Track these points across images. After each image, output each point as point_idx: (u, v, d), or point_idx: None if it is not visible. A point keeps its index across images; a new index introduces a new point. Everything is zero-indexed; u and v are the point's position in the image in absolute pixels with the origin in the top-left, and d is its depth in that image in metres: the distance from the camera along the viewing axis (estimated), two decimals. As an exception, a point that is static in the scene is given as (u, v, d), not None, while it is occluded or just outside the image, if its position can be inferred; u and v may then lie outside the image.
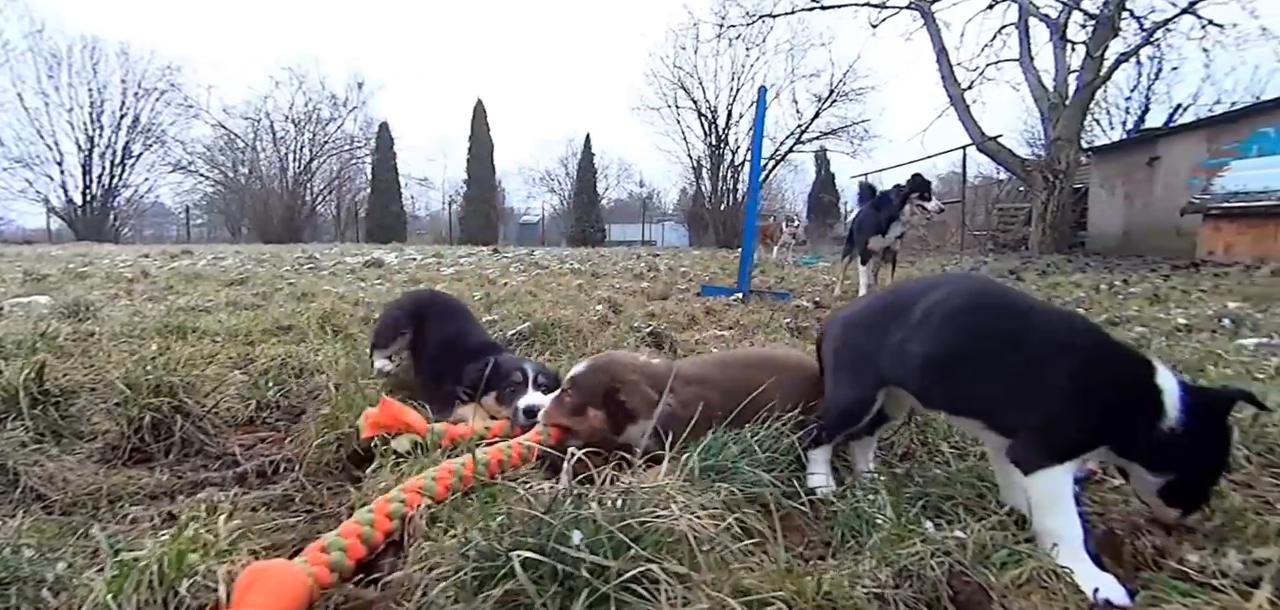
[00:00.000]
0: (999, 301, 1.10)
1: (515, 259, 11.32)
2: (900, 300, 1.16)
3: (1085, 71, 13.19)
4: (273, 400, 1.90)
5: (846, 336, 1.22)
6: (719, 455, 1.18)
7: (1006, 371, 1.03)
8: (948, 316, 1.07)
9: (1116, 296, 5.12)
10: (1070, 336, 1.04)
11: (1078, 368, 1.00)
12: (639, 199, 35.32)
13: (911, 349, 1.09)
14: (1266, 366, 2.14)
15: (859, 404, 1.17)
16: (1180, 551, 0.95)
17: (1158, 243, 11.79)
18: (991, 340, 1.05)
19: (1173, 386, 0.99)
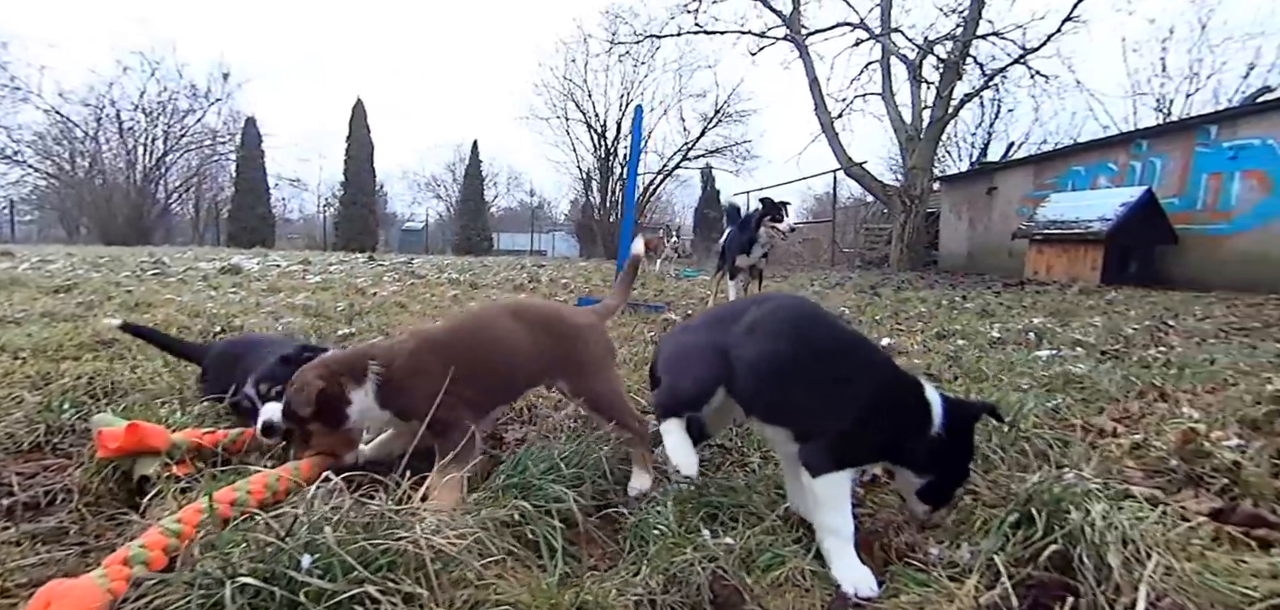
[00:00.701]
0: (816, 322, 1.20)
1: (391, 267, 10.79)
2: (732, 312, 1.25)
3: (936, 108, 14.57)
4: (67, 424, 1.73)
5: (685, 337, 1.28)
6: (524, 473, 1.18)
7: (817, 386, 1.12)
8: (772, 330, 1.16)
9: (952, 311, 5.65)
10: (870, 360, 1.17)
11: (875, 388, 1.12)
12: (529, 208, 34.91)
13: (741, 355, 1.16)
14: (1047, 375, 2.42)
15: (704, 382, 1.20)
16: (925, 545, 1.05)
17: (995, 263, 13.22)
18: (808, 356, 1.13)
19: (937, 401, 1.13)
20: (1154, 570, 0.87)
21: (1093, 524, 0.92)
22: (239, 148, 27.83)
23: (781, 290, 7.67)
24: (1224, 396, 2.05)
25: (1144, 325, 4.56)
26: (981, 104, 19.96)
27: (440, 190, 34.88)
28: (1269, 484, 1.32)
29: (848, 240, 19.49)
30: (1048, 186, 12.76)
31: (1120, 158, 11.66)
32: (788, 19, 15.98)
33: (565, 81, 24.88)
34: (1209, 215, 10.05)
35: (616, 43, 20.53)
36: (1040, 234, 10.91)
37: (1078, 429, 1.73)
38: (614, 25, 20.67)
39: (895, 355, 3.23)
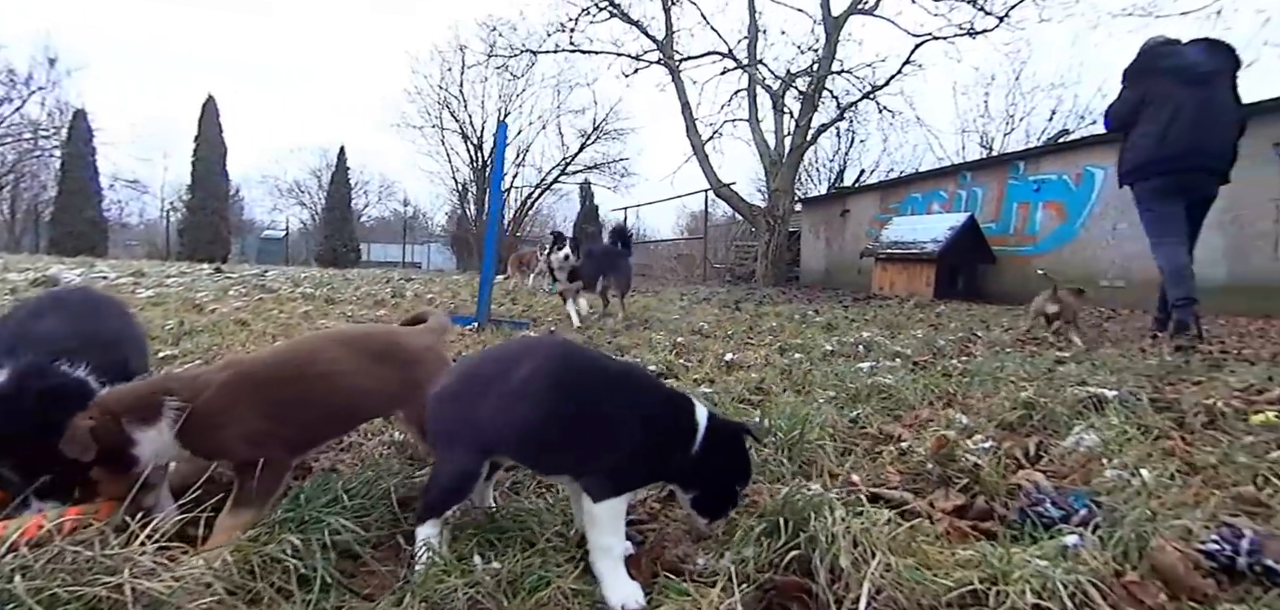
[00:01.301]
0: (584, 370, 1.22)
1: (240, 280, 9.89)
2: (493, 372, 1.21)
3: (796, 136, 15.67)
4: None
5: (445, 410, 1.21)
6: (303, 506, 1.12)
7: (592, 432, 1.15)
8: (542, 388, 1.15)
9: (801, 325, 6.05)
10: (639, 394, 1.22)
11: (645, 421, 1.17)
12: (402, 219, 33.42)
13: (509, 419, 1.15)
14: (858, 386, 2.65)
15: (466, 476, 1.18)
16: (695, 557, 1.12)
17: (848, 279, 14.37)
18: (580, 406, 1.16)
19: (704, 421, 1.20)
20: (876, 568, 0.98)
21: (830, 530, 1.03)
22: (65, 143, 24.53)
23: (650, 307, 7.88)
24: (992, 402, 2.35)
25: (957, 336, 5.13)
26: (838, 134, 21.82)
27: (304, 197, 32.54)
28: (1002, 481, 1.52)
29: (719, 256, 20.35)
30: (891, 210, 14.07)
31: (950, 186, 13.10)
32: (661, 44, 16.51)
33: (440, 90, 24.16)
34: (1018, 238, 11.51)
35: (494, 55, 20.23)
36: (884, 253, 11.98)
37: (868, 437, 1.91)
38: (492, 37, 20.36)
39: (737, 370, 3.41)
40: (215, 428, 1.24)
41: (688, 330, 5.34)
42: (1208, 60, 4.73)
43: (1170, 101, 4.69)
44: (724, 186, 16.25)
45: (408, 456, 1.74)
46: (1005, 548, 1.08)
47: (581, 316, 5.84)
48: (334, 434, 1.59)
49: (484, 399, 1.17)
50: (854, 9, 15.42)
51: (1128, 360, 3.90)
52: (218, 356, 3.35)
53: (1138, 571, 1.07)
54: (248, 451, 1.22)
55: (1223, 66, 4.76)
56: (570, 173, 25.49)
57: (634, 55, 17.13)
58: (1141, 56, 5.03)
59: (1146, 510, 1.25)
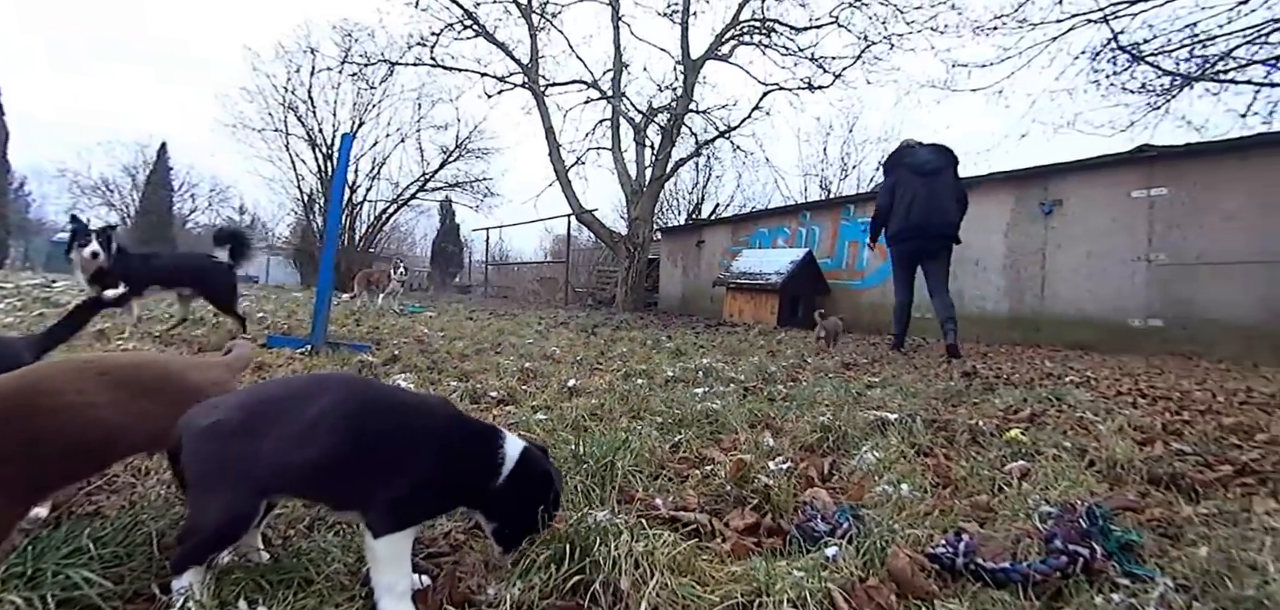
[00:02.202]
0: (377, 404, 1.20)
1: (15, 291, 8.45)
2: (275, 407, 1.14)
3: (656, 168, 16.30)
4: None
5: (214, 448, 1.10)
6: (37, 559, 1.00)
7: (382, 466, 1.12)
8: (335, 424, 1.11)
9: (652, 351, 6.26)
10: (432, 425, 1.20)
11: (438, 451, 1.17)
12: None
13: (296, 458, 1.09)
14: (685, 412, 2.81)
15: (240, 520, 1.09)
16: (486, 587, 1.14)
17: (702, 306, 15.10)
18: (372, 441, 1.13)
19: (513, 454, 1.22)
20: (654, 588, 1.06)
21: (613, 554, 1.10)
22: None
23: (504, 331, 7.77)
24: (799, 425, 2.59)
25: (790, 363, 5.56)
26: (696, 168, 23.02)
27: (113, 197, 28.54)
28: (792, 500, 1.69)
29: (581, 281, 20.52)
30: (742, 243, 15.01)
31: (793, 223, 14.22)
32: (527, 68, 16.52)
33: (286, 92, 22.27)
34: (849, 273, 12.74)
35: (349, 61, 19.12)
36: (734, 282, 12.73)
37: (682, 462, 2.04)
38: (347, 43, 19.24)
39: (579, 395, 3.47)
40: None
41: (539, 355, 5.34)
42: (934, 159, 6.63)
43: (910, 188, 6.60)
44: (586, 212, 16.48)
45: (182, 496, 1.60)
46: (769, 562, 1.21)
47: (133, 325, 5.32)
48: (79, 478, 1.41)
49: (261, 435, 1.09)
50: (711, 54, 16.42)
51: (924, 385, 4.45)
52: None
53: (877, 576, 1.25)
54: None
55: (946, 163, 6.65)
56: (430, 189, 24.45)
57: (499, 77, 17.01)
58: (892, 155, 7.02)
59: (891, 520, 1.45)
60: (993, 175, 10.45)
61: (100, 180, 29.49)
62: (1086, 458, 2.34)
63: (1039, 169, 9.79)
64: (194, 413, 1.14)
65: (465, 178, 24.13)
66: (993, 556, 1.41)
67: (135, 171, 28.68)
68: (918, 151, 6.74)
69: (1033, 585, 1.30)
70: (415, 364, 4.41)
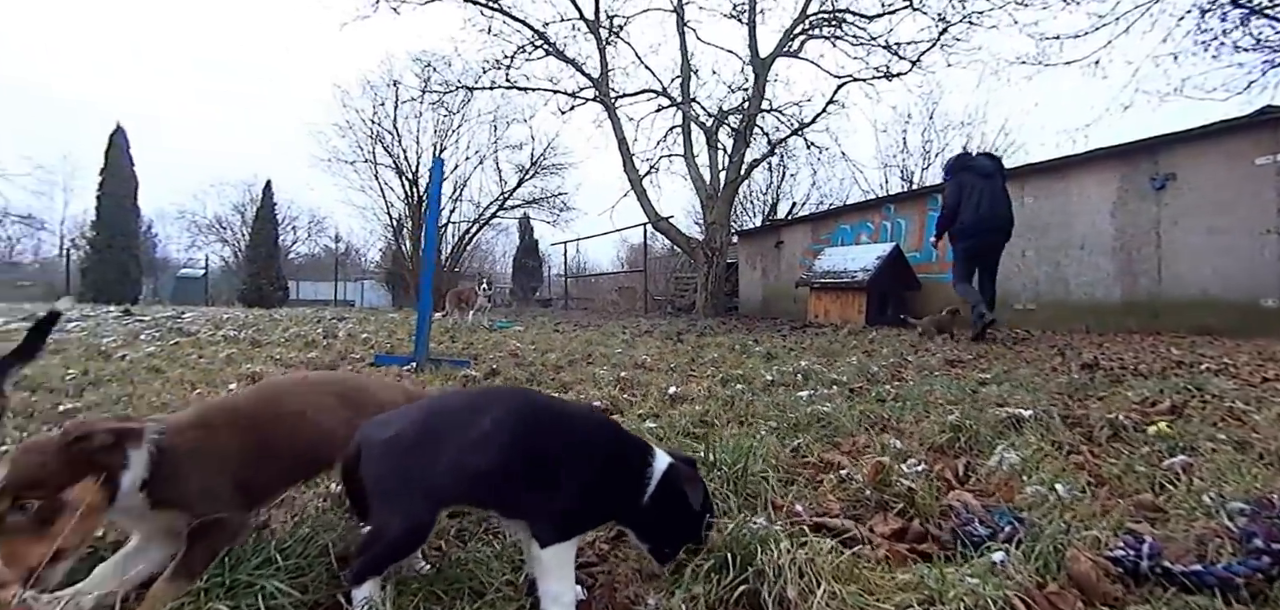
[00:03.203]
0: (545, 415, 1.23)
1: (153, 323, 9.29)
2: (449, 419, 1.17)
3: (730, 171, 16.15)
4: None
5: (394, 461, 1.14)
6: (233, 569, 1.08)
7: (550, 476, 1.15)
8: (506, 435, 1.14)
9: (742, 356, 6.18)
10: (595, 437, 1.23)
11: (599, 465, 1.19)
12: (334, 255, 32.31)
13: (470, 469, 1.12)
14: (798, 416, 2.74)
15: (417, 531, 1.13)
16: (646, 597, 1.14)
17: (784, 307, 14.80)
18: (541, 451, 1.16)
19: (661, 469, 1.22)
20: (822, 597, 1.03)
21: (776, 562, 1.07)
22: (-56, 178, 22.56)
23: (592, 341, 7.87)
24: (923, 426, 2.47)
25: (889, 362, 5.36)
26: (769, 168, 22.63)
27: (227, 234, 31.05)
28: (935, 504, 1.61)
29: (659, 288, 20.57)
30: (823, 241, 14.63)
31: (876, 218, 13.74)
32: (597, 82, 16.77)
33: (373, 124, 23.64)
34: (940, 266, 12.15)
35: (429, 90, 20.03)
36: (818, 282, 12.42)
37: (809, 467, 1.98)
38: (426, 73, 20.18)
39: (680, 403, 3.46)
40: (184, 473, 1.14)
41: (631, 364, 5.38)
42: (990, 164, 7.60)
43: (976, 189, 7.37)
44: (662, 220, 16.52)
45: (346, 509, 1.69)
46: (939, 568, 1.15)
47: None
48: (296, 482, 1.50)
49: (439, 447, 1.13)
50: (780, 51, 16.14)
51: (1042, 380, 4.18)
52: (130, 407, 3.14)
53: (1057, 582, 1.16)
54: (208, 505, 1.12)
55: (998, 169, 7.62)
56: (509, 208, 25.29)
57: (570, 93, 17.36)
58: (954, 160, 7.89)
59: (1062, 523, 1.35)
60: (1094, 152, 9.73)
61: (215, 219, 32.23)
62: (1254, 450, 2.13)
63: (1147, 141, 9.00)
64: (370, 428, 1.19)
65: (542, 194, 24.80)
66: (1179, 559, 1.29)
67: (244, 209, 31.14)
68: (976, 159, 7.68)
69: (1233, 589, 1.18)
70: (515, 377, 4.53)
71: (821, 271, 12.60)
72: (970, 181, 7.43)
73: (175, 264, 32.29)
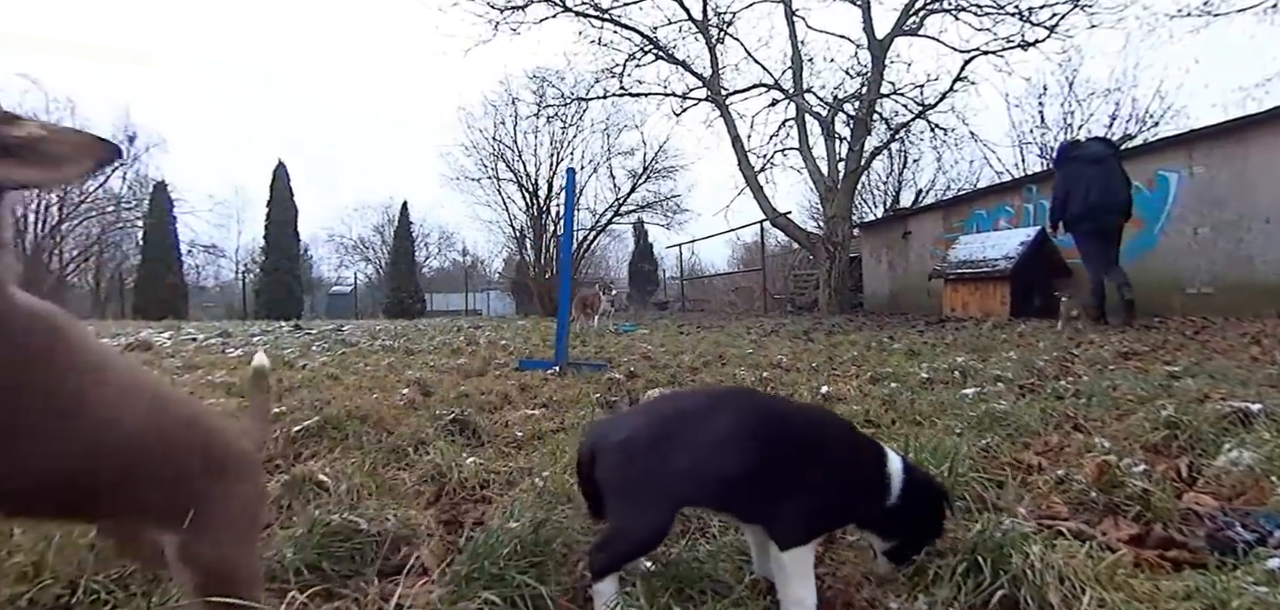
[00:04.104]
0: (779, 416, 1.23)
1: (319, 335, 10.34)
2: (682, 421, 1.18)
3: (850, 161, 15.53)
4: None
5: (632, 463, 1.16)
6: (487, 558, 1.17)
7: (788, 478, 1.14)
8: (743, 436, 1.14)
9: (882, 353, 5.94)
10: (832, 438, 1.22)
11: (839, 465, 1.18)
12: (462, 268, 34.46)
13: (709, 470, 1.13)
14: (974, 414, 2.60)
15: (657, 531, 1.15)
16: (886, 601, 1.13)
17: (915, 302, 14.02)
18: (779, 452, 1.15)
19: (897, 470, 1.21)
20: (1088, 605, 0.98)
21: (1033, 566, 1.03)
22: (147, 215, 26.41)
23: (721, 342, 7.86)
24: (1128, 423, 2.27)
25: (1052, 357, 4.94)
26: (890, 155, 21.50)
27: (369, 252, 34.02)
28: (1175, 506, 1.48)
29: (777, 287, 20.18)
30: (956, 229, 13.72)
31: (1015, 201, 12.71)
32: (708, 81, 16.75)
33: (495, 142, 25.02)
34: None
35: (544, 106, 20.90)
36: (953, 273, 11.66)
37: (1007, 467, 1.88)
38: (541, 89, 21.05)
39: (833, 402, 3.39)
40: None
41: (768, 364, 5.32)
42: (1102, 149, 7.87)
43: (1084, 176, 7.61)
44: (780, 216, 16.20)
45: (546, 500, 1.78)
46: (1216, 576, 1.05)
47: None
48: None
49: (675, 449, 1.14)
50: (899, 30, 15.34)
51: (1245, 371, 3.70)
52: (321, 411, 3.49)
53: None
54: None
55: (1111, 152, 7.93)
56: (623, 213, 25.87)
57: (681, 94, 17.45)
58: (1061, 150, 8.31)
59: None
60: (1276, 111, 8.45)
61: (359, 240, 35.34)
62: None
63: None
64: (602, 429, 1.25)
65: (655, 198, 25.13)
66: None
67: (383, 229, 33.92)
68: (1085, 146, 8.01)
69: None
70: (656, 379, 4.61)
71: (957, 262, 11.82)
72: (1078, 171, 7.66)
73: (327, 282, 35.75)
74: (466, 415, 2.90)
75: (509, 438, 2.78)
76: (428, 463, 2.19)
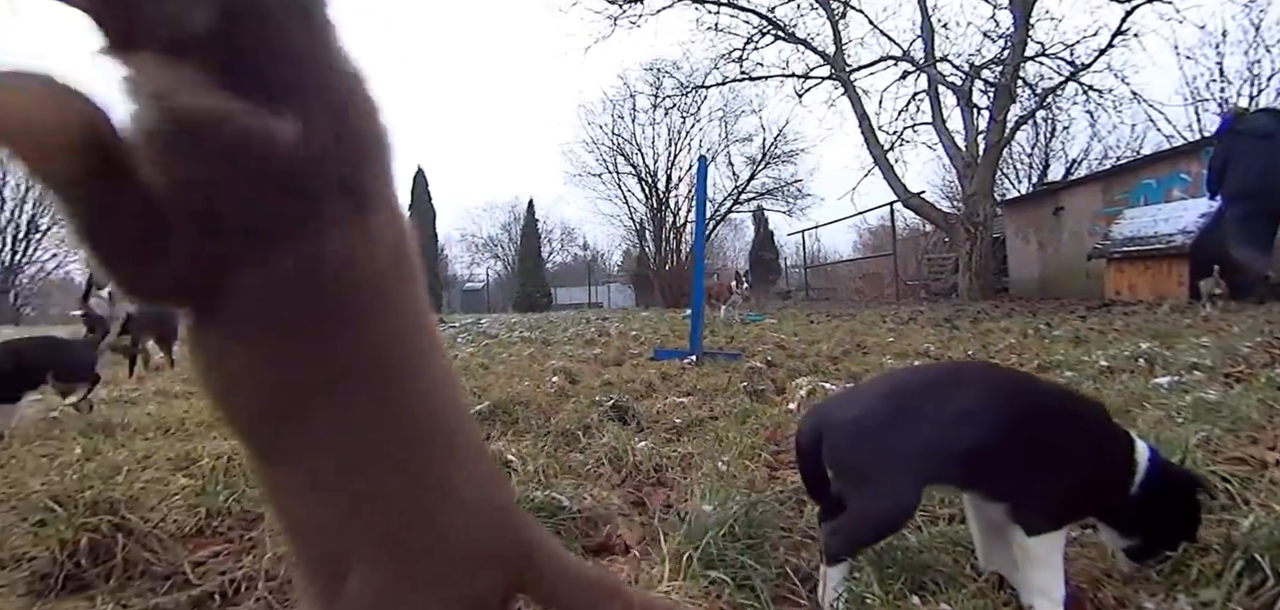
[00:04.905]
0: (1026, 393, 1.17)
1: (463, 329, 11.14)
2: (919, 397, 1.14)
3: (991, 133, 14.36)
4: (224, 506, 1.69)
5: (869, 442, 1.12)
6: (703, 540, 1.20)
7: (1038, 458, 1.09)
8: (989, 412, 1.09)
9: (1043, 340, 5.51)
10: (1083, 417, 1.15)
11: (1090, 447, 1.11)
12: (584, 262, 35.54)
13: (956, 447, 1.08)
14: (1182, 405, 2.38)
15: (903, 510, 1.11)
16: (1138, 599, 1.07)
17: (1071, 285, 12.75)
18: (1028, 431, 1.10)
19: (1145, 459, 1.12)
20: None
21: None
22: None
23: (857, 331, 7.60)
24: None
25: (1256, 342, 4.36)
26: (1035, 124, 19.54)
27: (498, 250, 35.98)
28: None
29: (909, 272, 19.12)
30: (1119, 202, 12.31)
31: (1192, 167, 11.19)
32: (830, 59, 16.14)
33: (614, 137, 25.57)
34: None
35: (664, 97, 21.07)
36: (1118, 252, 10.51)
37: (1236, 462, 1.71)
38: (658, 81, 21.22)
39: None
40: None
41: (914, 352, 5.10)
42: (1271, 123, 6.88)
43: (1247, 154, 6.78)
44: (913, 196, 15.31)
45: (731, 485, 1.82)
46: None
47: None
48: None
49: (917, 425, 1.09)
50: (1048, -15, 13.97)
51: None
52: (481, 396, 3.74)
53: None
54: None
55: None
56: (742, 201, 25.56)
57: (802, 74, 16.94)
58: (1223, 122, 7.57)
59: None
60: None
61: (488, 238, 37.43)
62: None
63: None
64: (829, 409, 1.22)
65: (775, 183, 24.59)
66: None
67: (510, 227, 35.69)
68: (1253, 118, 7.26)
69: None
70: (797, 368, 4.53)
71: (1123, 239, 10.63)
72: (1242, 145, 6.97)
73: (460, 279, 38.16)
74: (624, 402, 3.04)
75: (667, 423, 2.88)
76: (601, 446, 2.31)
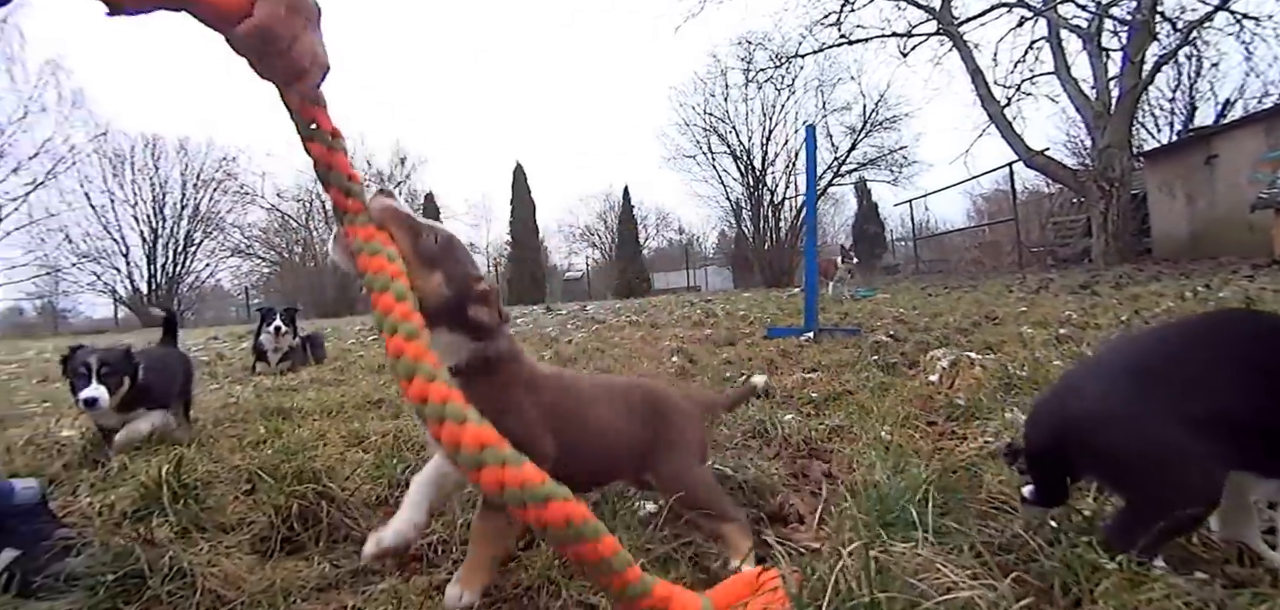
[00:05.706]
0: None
1: (570, 316, 11.46)
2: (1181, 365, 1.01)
3: (1126, 78, 13.01)
4: (402, 477, 1.80)
5: (1146, 424, 0.98)
6: (899, 505, 1.20)
7: None
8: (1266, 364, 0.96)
9: (1206, 304, 4.99)
10: None
11: None
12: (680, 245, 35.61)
13: (1243, 415, 0.94)
14: None
15: (1209, 494, 0.96)
16: None
17: (1229, 242, 11.37)
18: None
19: None
20: None
21: None
22: (423, 223, 31.62)
23: (982, 302, 7.17)
24: None
25: None
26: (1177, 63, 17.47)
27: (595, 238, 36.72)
28: None
29: (1031, 238, 17.76)
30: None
31: (1392, 95, 9.65)
32: (937, 12, 15.18)
33: (706, 116, 25.33)
34: None
35: (756, 71, 20.63)
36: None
37: None
38: (750, 54, 20.78)
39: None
40: None
41: (1055, 321, 4.76)
42: None
43: None
44: (1037, 154, 14.18)
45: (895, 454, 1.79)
46: None
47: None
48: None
49: (1207, 396, 0.95)
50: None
51: None
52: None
53: None
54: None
55: None
56: (843, 173, 24.59)
57: (905, 32, 16.04)
58: None
59: None
60: None
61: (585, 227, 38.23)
62: None
63: None
64: (1072, 400, 1.08)
65: (878, 152, 23.47)
66: None
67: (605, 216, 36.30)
68: None
69: None
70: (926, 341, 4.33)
71: (1297, 184, 9.37)
72: None
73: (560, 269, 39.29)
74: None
75: (804, 398, 2.85)
76: (748, 419, 2.33)
